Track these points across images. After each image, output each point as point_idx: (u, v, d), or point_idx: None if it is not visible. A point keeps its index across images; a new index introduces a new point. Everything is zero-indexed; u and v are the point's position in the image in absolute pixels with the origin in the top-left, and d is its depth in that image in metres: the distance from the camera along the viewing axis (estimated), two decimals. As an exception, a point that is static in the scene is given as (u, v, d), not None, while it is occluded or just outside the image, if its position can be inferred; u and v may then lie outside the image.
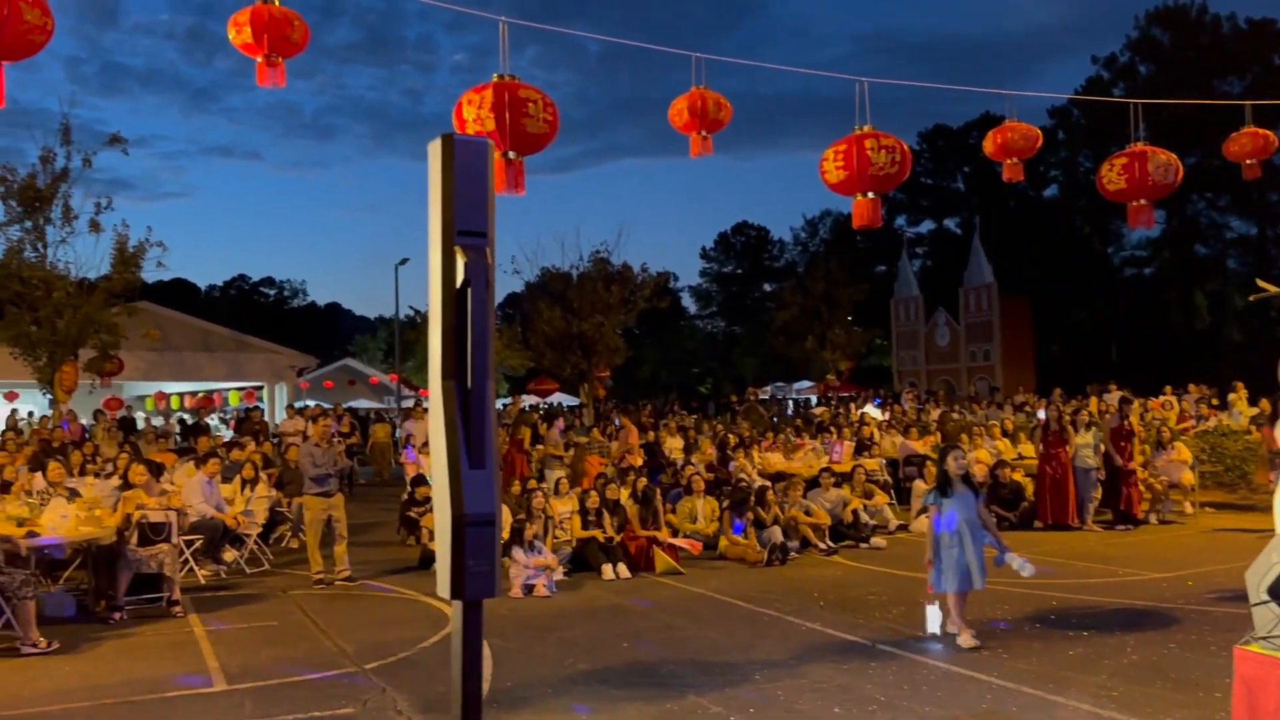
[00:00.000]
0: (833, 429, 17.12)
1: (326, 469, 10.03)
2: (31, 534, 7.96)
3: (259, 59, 6.72)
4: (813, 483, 12.91)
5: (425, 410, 20.46)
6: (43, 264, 17.14)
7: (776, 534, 10.92)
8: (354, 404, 35.06)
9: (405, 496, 14.04)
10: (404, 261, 35.64)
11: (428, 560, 10.69)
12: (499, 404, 26.65)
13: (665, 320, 47.27)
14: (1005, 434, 16.42)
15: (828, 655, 6.95)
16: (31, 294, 16.93)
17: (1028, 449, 16.15)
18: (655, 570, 10.28)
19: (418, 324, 50.18)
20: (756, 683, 6.30)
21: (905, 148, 8.36)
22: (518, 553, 9.45)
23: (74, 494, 9.61)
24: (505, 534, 10.61)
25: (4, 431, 16.36)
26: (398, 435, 23.31)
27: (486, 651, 7.15)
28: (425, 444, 17.31)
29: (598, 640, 7.51)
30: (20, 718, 5.83)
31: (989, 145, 10.98)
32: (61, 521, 8.22)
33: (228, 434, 20.52)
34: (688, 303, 63.45)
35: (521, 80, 6.87)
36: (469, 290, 2.23)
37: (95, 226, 17.27)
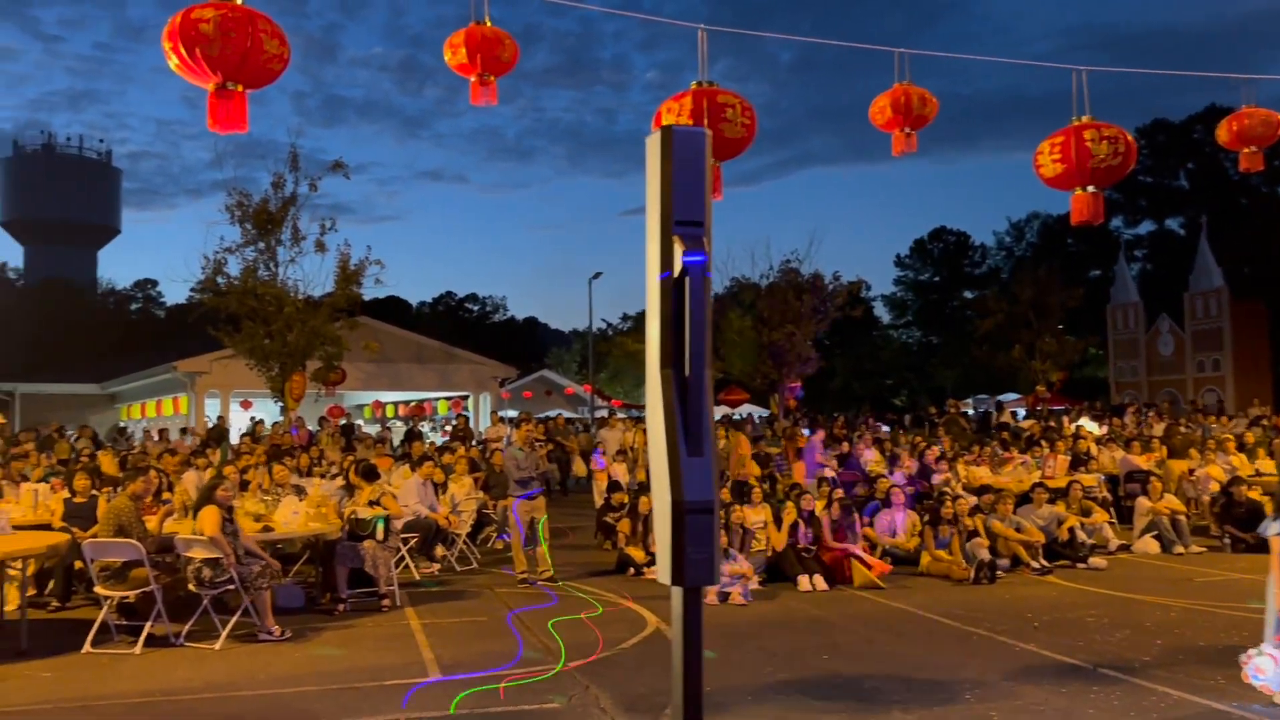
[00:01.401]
0: (1044, 443, 16.19)
1: (529, 472, 10.37)
2: (266, 529, 8.63)
3: (472, 78, 7.06)
4: (1023, 498, 12.25)
5: (619, 419, 20.85)
6: (274, 282, 18.67)
7: (984, 551, 10.42)
8: (550, 413, 36.22)
9: (601, 503, 14.36)
10: (597, 276, 36.58)
11: (624, 564, 10.86)
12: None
13: (858, 330, 46.26)
14: (1241, 448, 15.03)
15: (1044, 678, 6.55)
16: (265, 309, 18.48)
17: (1266, 465, 14.74)
18: (853, 583, 10.01)
19: (609, 337, 51.39)
20: (967, 702, 6.01)
21: (1129, 138, 7.80)
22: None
23: (300, 492, 10.35)
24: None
25: (243, 436, 17.87)
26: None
27: (685, 656, 7.16)
28: (618, 452, 17.64)
29: (796, 651, 7.37)
30: (257, 698, 6.31)
31: (1223, 134, 10.10)
32: (293, 518, 8.88)
33: (439, 440, 21.65)
34: (881, 312, 61.75)
35: (720, 86, 6.91)
36: (686, 279, 2.24)
37: (321, 247, 18.68)
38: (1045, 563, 10.91)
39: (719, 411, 30.94)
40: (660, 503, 2.28)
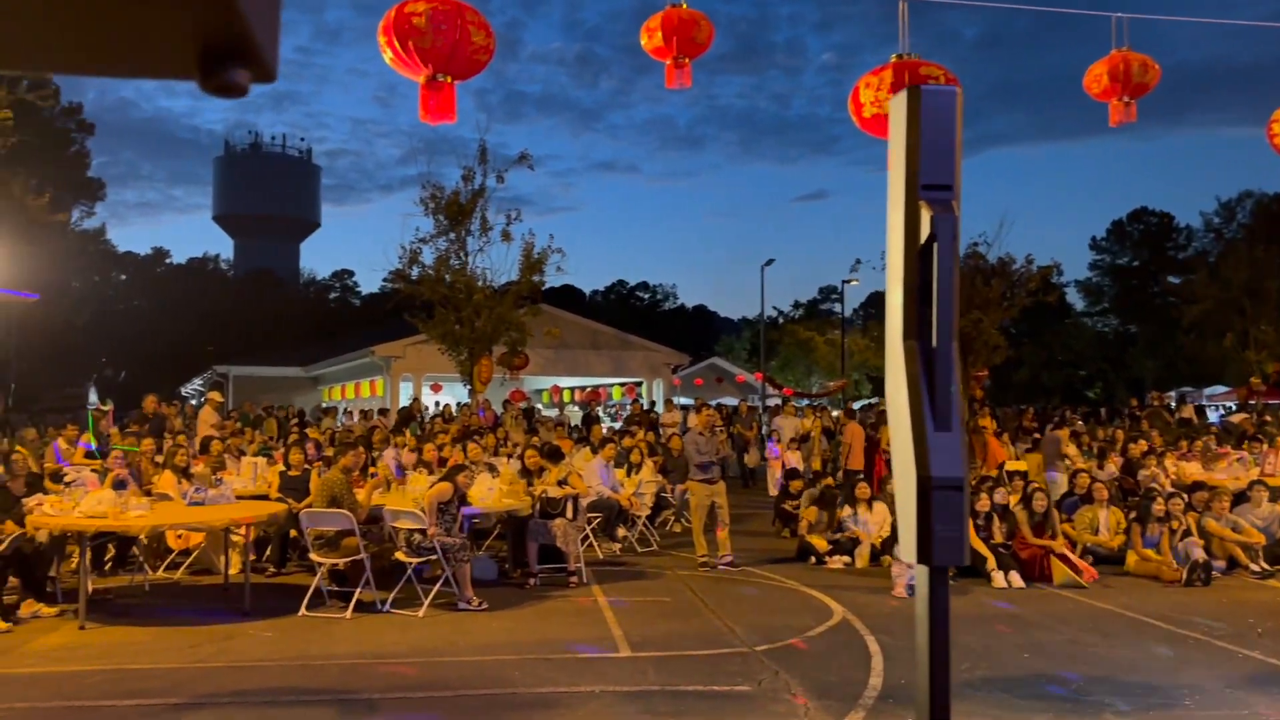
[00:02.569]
0: (1262, 438, 14.92)
1: (710, 457, 10.39)
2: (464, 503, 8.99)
3: (667, 62, 7.10)
4: (1239, 497, 11.33)
5: (794, 408, 20.62)
6: (464, 270, 19.44)
7: (1199, 551, 9.70)
8: (721, 400, 36.21)
9: (777, 490, 14.24)
10: (769, 263, 36.17)
11: (805, 552, 10.74)
12: (857, 404, 26.24)
13: (1048, 318, 43.92)
14: None
15: (1272, 686, 6.04)
16: (455, 297, 19.28)
17: None
18: (1053, 581, 9.53)
19: (781, 325, 50.89)
20: (1186, 708, 5.61)
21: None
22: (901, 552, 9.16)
23: (493, 470, 10.74)
24: (885, 531, 10.38)
25: (434, 418, 18.74)
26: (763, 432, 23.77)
27: (875, 647, 7.01)
28: (791, 440, 17.43)
29: (995, 648, 7.08)
30: (459, 664, 6.60)
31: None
32: (488, 493, 9.23)
33: (614, 425, 22.03)
34: (1073, 299, 58.31)
35: (922, 58, 6.67)
36: (934, 246, 2.16)
37: (507, 236, 19.32)
38: (1266, 566, 10.06)
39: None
40: (904, 479, 2.21)
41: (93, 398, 44.61)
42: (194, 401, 35.86)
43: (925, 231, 2.19)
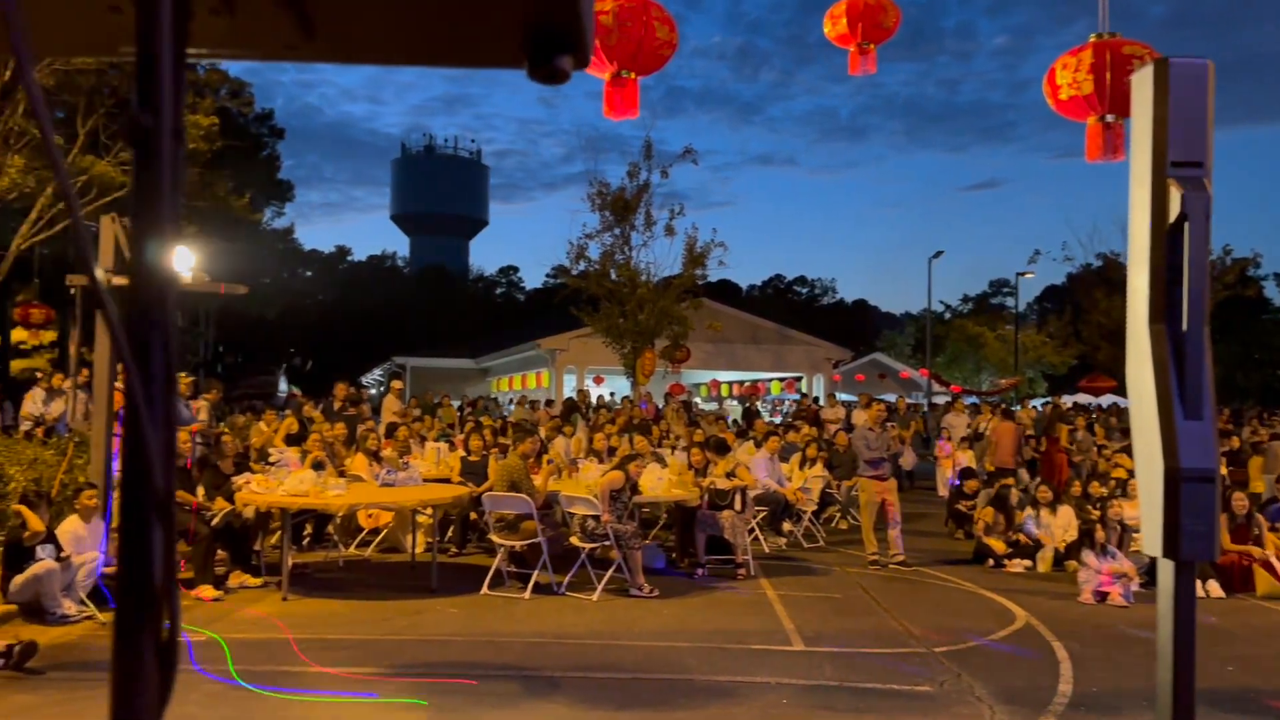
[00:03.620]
0: None
1: (880, 453, 10.18)
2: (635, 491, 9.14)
3: (851, 48, 7.00)
4: None
5: (965, 405, 19.95)
6: (628, 265, 19.74)
7: None
8: (881, 397, 35.31)
9: (950, 489, 13.81)
10: (938, 255, 35.02)
11: (982, 554, 10.38)
12: (1035, 404, 25.04)
13: (1245, 313, 40.79)
14: None
15: None
16: (620, 291, 19.61)
17: None
18: (1255, 592, 8.88)
19: (947, 319, 49.16)
20: None
21: None
22: (1089, 556, 8.75)
23: (661, 461, 10.87)
24: (1071, 535, 9.92)
25: (598, 409, 19.10)
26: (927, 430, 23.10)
27: (1063, 654, 6.73)
28: (963, 439, 16.86)
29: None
30: (634, 648, 6.72)
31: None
32: (657, 483, 9.35)
33: (773, 420, 21.89)
34: (1272, 293, 53.91)
35: (1124, 37, 6.31)
36: (1185, 225, 2.06)
37: (670, 231, 19.50)
38: None
39: (1071, 399, 28.61)
40: (1149, 470, 2.12)
41: (283, 385, 47.68)
42: (373, 390, 37.86)
43: (1175, 210, 2.08)
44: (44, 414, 12.01)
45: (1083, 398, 29.91)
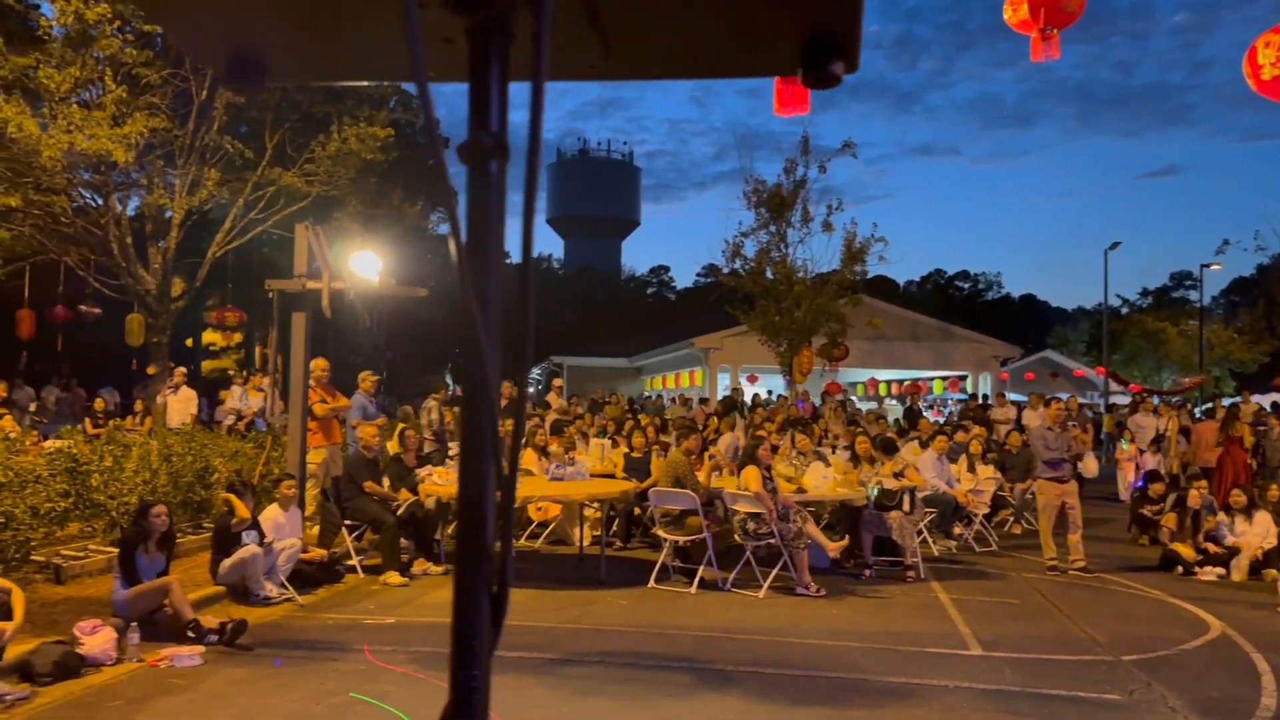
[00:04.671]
0: None
1: (1060, 453, 9.79)
2: (799, 490, 9.13)
3: (1033, 34, 6.79)
4: None
5: (1154, 405, 18.93)
6: (784, 262, 19.62)
7: None
8: (1054, 396, 33.71)
9: (1135, 494, 13.15)
10: (1114, 246, 33.18)
11: (1170, 561, 9.84)
12: (1226, 403, 23.39)
13: None
14: None
15: None
16: (776, 289, 19.51)
17: None
18: None
19: (1125, 314, 46.46)
20: None
21: None
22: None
23: (824, 460, 10.77)
24: (1270, 542, 9.30)
25: (755, 408, 19.07)
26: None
27: (1264, 666, 6.35)
28: (1152, 441, 15.98)
29: None
30: (804, 646, 6.71)
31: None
32: (823, 482, 9.29)
33: (936, 420, 21.30)
34: None
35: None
36: None
37: (828, 227, 19.25)
38: None
39: (1262, 399, 26.54)
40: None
41: (450, 384, 49.62)
42: (531, 389, 38.92)
43: None
44: (244, 410, 12.98)
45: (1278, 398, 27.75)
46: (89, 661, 5.79)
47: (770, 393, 25.53)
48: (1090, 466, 15.42)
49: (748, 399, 23.95)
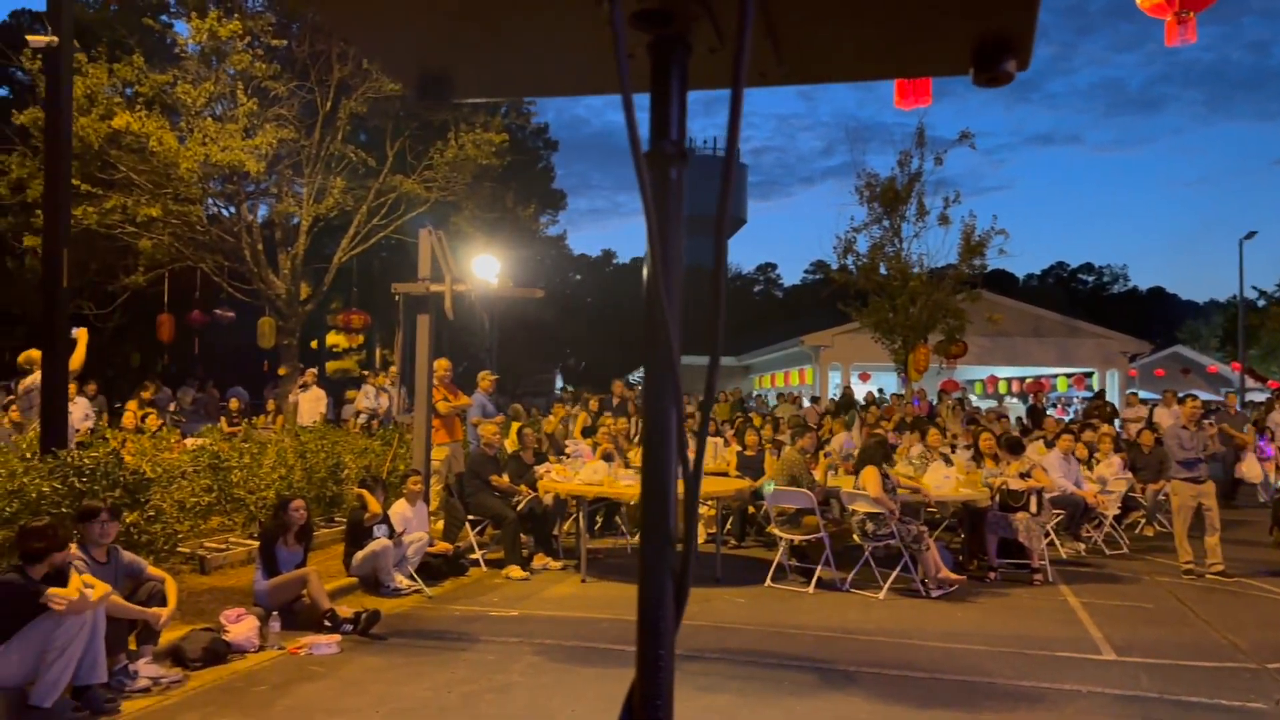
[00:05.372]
0: None
1: (1195, 453, 9.36)
2: (915, 490, 8.97)
3: (1168, 17, 6.54)
4: None
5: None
6: (899, 257, 19.27)
7: None
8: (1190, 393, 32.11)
9: (1277, 495, 12.47)
10: (1250, 236, 31.47)
11: (1319, 568, 9.30)
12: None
13: None
14: None
15: None
16: (890, 284, 19.18)
17: None
18: None
19: (1263, 307, 43.96)
20: None
21: None
22: None
23: (947, 460, 10.55)
24: None
25: (870, 406, 18.80)
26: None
27: None
28: (1295, 439, 15.11)
29: None
30: (928, 648, 6.60)
31: None
32: (944, 482, 9.11)
33: (1059, 419, 20.57)
34: None
35: None
36: None
37: (945, 220, 18.83)
38: None
39: None
40: None
41: (559, 384, 50.41)
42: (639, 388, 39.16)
43: None
44: (375, 408, 13.51)
45: None
46: (234, 648, 6.12)
47: (882, 391, 25.11)
48: (1253, 469, 14.26)
49: (859, 397, 23.64)
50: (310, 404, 14.59)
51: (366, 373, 16.87)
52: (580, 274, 66.25)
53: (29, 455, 7.02)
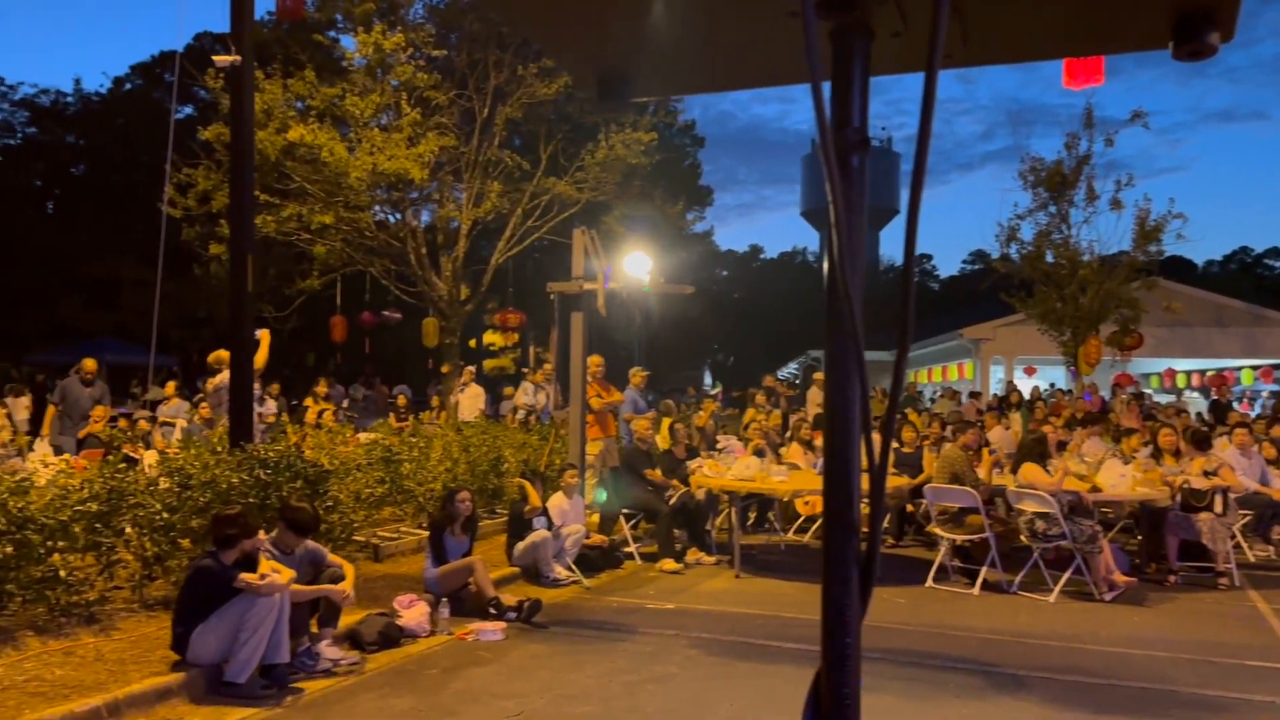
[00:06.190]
0: None
1: None
2: (1094, 489, 8.54)
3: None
4: None
5: None
6: (1067, 244, 18.38)
7: None
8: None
9: None
10: None
11: None
12: None
13: None
14: None
15: None
16: (1057, 273, 18.32)
17: None
18: None
19: None
20: None
21: None
22: None
23: (1120, 456, 10.00)
24: None
25: (1038, 401, 18.01)
26: None
27: None
28: None
29: None
30: (1103, 654, 6.28)
31: None
32: (1120, 481, 8.64)
33: (1244, 414, 19.16)
34: None
35: None
36: None
37: (1117, 204, 17.83)
38: None
39: None
40: None
41: (708, 380, 50.53)
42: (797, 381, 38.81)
43: None
44: (533, 405, 13.95)
45: None
46: (407, 633, 6.42)
47: (1052, 385, 24.02)
48: None
49: (1023, 392, 22.68)
50: (469, 401, 15.14)
51: (525, 370, 17.34)
52: (727, 270, 66.12)
53: (219, 449, 7.55)
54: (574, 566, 8.34)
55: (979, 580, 8.02)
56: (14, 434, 10.42)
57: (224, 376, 8.97)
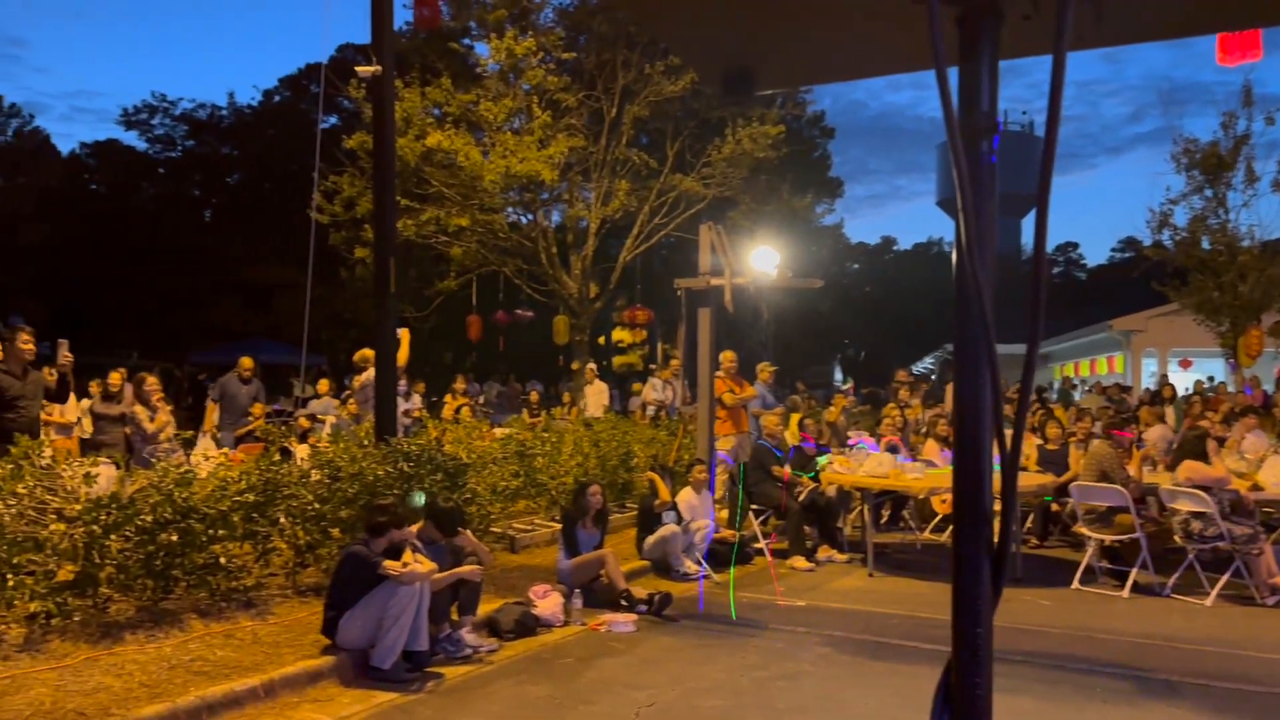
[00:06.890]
0: None
1: None
2: (1255, 488, 8.04)
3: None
4: None
5: None
6: (1225, 229, 17.30)
7: None
8: None
9: None
10: None
11: None
12: None
13: None
14: None
15: None
16: (1214, 260, 17.27)
17: None
18: None
19: None
20: None
21: None
22: None
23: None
24: None
25: (1193, 396, 17.01)
26: None
27: None
28: None
29: None
30: (1267, 660, 5.94)
31: None
32: (1283, 478, 8.10)
33: None
34: None
35: None
36: None
37: (1279, 187, 16.67)
38: None
39: None
40: None
41: (838, 375, 49.78)
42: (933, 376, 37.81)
43: None
44: (663, 400, 14.08)
45: None
46: (542, 622, 6.58)
47: (1211, 379, 22.64)
48: None
49: (1178, 385, 21.46)
50: (595, 397, 15.35)
51: (654, 366, 17.49)
52: (858, 263, 64.79)
53: (366, 443, 7.90)
54: (703, 561, 8.36)
55: (1129, 582, 7.66)
56: (176, 431, 11.13)
57: (369, 374, 9.36)
